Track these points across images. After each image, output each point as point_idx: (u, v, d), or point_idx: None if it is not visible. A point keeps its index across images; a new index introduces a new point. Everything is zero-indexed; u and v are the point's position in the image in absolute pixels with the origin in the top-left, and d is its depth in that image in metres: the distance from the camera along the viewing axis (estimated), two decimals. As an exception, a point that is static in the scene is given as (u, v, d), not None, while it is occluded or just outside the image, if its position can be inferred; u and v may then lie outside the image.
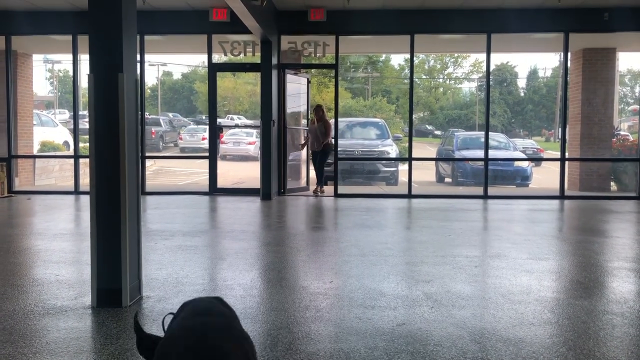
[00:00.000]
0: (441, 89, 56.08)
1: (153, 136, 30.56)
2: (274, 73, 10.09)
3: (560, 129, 10.95)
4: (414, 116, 10.93)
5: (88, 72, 3.74)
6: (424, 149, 34.75)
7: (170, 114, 46.53)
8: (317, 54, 10.52)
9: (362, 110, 27.38)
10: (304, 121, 11.53)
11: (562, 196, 10.40)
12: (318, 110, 10.68)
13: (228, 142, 25.85)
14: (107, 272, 3.76)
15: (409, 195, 10.40)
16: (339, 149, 13.50)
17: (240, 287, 4.15)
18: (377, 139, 15.37)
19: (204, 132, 30.99)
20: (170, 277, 4.41)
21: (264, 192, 9.78)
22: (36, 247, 5.64)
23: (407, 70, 48.51)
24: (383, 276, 4.44)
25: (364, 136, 15.65)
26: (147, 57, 11.23)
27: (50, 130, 17.55)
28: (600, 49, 11.85)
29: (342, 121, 17.12)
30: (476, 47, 11.64)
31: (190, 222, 7.32)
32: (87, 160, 3.94)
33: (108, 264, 3.77)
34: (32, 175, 13.60)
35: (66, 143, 18.24)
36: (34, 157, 12.79)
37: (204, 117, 47.48)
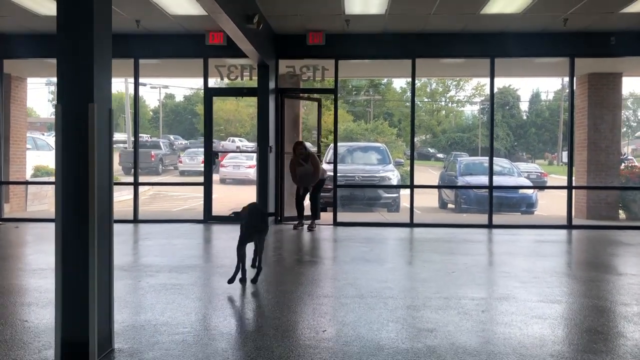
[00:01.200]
0: (443, 112, 56.00)
1: (152, 159, 30.27)
2: (272, 97, 9.80)
3: (567, 155, 10.57)
4: (415, 139, 10.60)
5: (55, 102, 3.41)
6: (426, 172, 34.43)
7: (172, 136, 46.36)
8: (316, 78, 10.24)
9: (364, 133, 27.10)
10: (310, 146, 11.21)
11: (569, 225, 10.00)
12: (299, 147, 9.30)
13: (228, 165, 25.57)
14: (73, 320, 3.35)
15: (411, 224, 10.02)
16: (338, 174, 13.23)
17: (223, 339, 3.77)
18: (378, 164, 15.05)
19: (251, 160, 30.43)
20: (148, 324, 4.03)
21: (259, 221, 9.41)
22: (10, 286, 5.27)
23: (409, 93, 48.54)
24: (382, 323, 4.05)
25: (365, 161, 15.33)
26: (147, 80, 10.99)
27: (46, 154, 17.27)
28: (606, 74, 11.55)
29: (342, 146, 16.86)
30: (479, 71, 11.35)
31: (180, 255, 6.95)
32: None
33: (74, 310, 3.36)
34: (24, 201, 13.27)
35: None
36: (25, 183, 12.40)
37: (216, 143, 47.50)
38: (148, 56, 10.39)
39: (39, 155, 16.50)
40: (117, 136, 49.16)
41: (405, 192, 12.77)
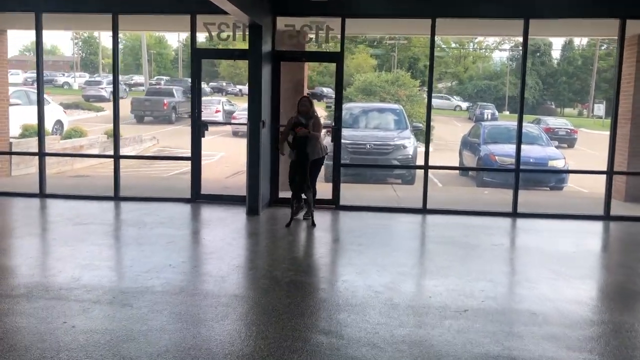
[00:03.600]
0: (471, 58, 53.53)
1: (165, 107, 29.16)
2: (266, 62, 8.48)
3: (610, 133, 9.14)
4: (440, 85, 9.20)
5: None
6: (449, 124, 32.86)
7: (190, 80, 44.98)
8: (320, 38, 8.85)
9: (384, 86, 25.44)
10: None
11: (607, 216, 8.70)
12: (305, 103, 7.94)
13: (240, 117, 24.37)
14: None
15: (424, 210, 8.81)
16: (347, 141, 11.95)
17: None
18: (394, 129, 13.71)
19: (218, 104, 29.51)
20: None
21: (250, 206, 8.29)
22: None
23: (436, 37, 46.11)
24: None
25: (378, 126, 14.01)
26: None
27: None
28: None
29: (354, 107, 15.52)
30: (509, 31, 9.85)
31: (140, 262, 5.86)
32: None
33: None
34: (9, 165, 12.32)
35: (59, 123, 16.93)
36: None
37: (224, 84, 45.96)
38: (128, 11, 9.10)
39: (32, 110, 15.41)
40: (137, 79, 48.15)
41: (421, 149, 11.46)
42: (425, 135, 9.07)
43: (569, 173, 12.61)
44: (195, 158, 9.17)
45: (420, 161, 10.50)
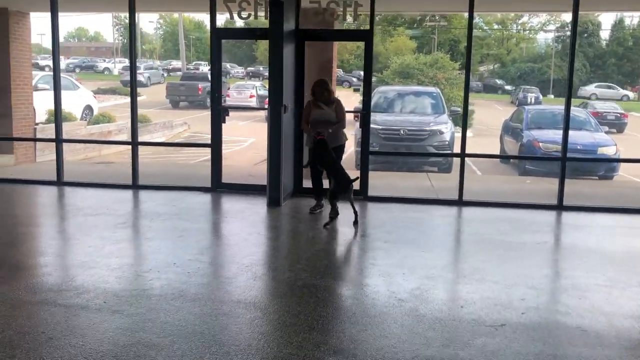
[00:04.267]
0: (514, 40, 51.66)
1: (200, 92, 28.91)
2: (288, 42, 7.87)
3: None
4: (481, 68, 8.43)
5: None
6: (491, 107, 31.63)
7: (228, 64, 44.62)
8: (347, 16, 8.19)
9: (422, 68, 24.49)
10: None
11: (666, 211, 7.84)
12: (323, 87, 7.23)
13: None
14: None
15: (460, 202, 8.11)
16: (379, 127, 11.30)
17: None
18: (430, 113, 12.95)
19: (252, 88, 29.05)
20: None
21: (271, 197, 7.74)
22: None
23: (477, 19, 44.67)
24: None
25: (414, 110, 13.26)
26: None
27: (69, 94, 15.98)
28: None
29: (387, 91, 14.79)
30: (556, 6, 8.96)
31: (143, 260, 5.38)
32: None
33: None
34: (33, 151, 12.08)
35: (88, 108, 16.71)
36: (8, 139, 10.98)
37: (261, 69, 45.48)
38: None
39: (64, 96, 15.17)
40: (175, 64, 48.13)
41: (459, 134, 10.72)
42: (462, 121, 8.30)
43: (623, 162, 11.60)
44: (216, 145, 8.65)
45: (457, 148, 9.75)
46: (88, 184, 8.99)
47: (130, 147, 9.07)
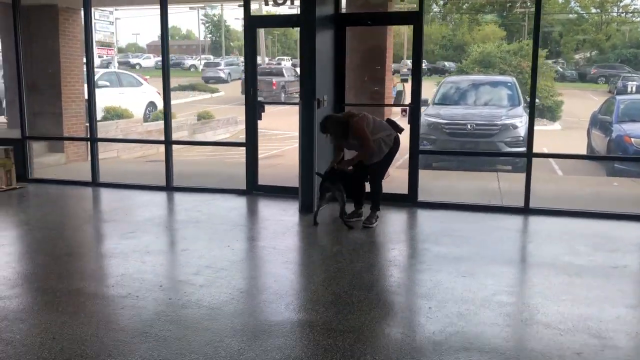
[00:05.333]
0: (615, 24, 47.73)
1: (274, 87, 28.64)
2: (326, 29, 6.96)
3: None
4: (577, 56, 7.18)
5: None
6: (584, 98, 29.00)
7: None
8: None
9: (504, 57, 22.73)
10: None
11: None
12: (336, 126, 6.06)
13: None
14: None
15: (526, 210, 6.89)
16: (443, 121, 10.20)
17: None
18: (503, 105, 11.60)
19: None
20: None
21: (303, 203, 6.89)
22: None
23: (573, 3, 41.63)
24: None
25: (485, 102, 11.95)
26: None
27: (132, 90, 15.90)
28: None
29: (456, 81, 13.54)
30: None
31: (128, 279, 4.69)
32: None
33: None
34: (86, 149, 11.90)
35: (152, 104, 16.55)
36: (47, 138, 10.69)
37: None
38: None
39: (123, 92, 15.11)
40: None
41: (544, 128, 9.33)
42: (529, 114, 7.06)
43: None
44: (251, 144, 7.90)
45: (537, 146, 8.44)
46: (122, 185, 8.54)
47: (175, 146, 8.55)
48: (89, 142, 9.16)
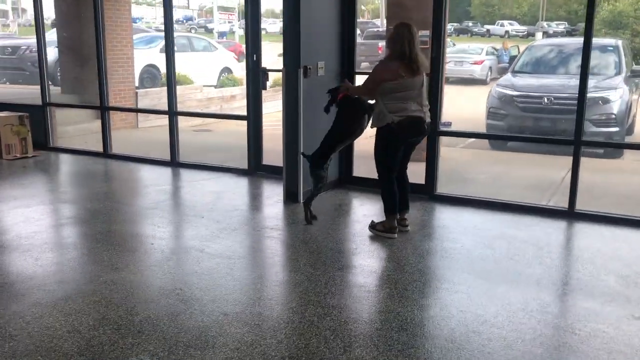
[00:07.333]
0: None
1: (380, 51, 27.20)
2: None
3: None
4: None
5: None
6: None
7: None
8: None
9: (638, 17, 19.54)
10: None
11: None
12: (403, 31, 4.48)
13: (449, 61, 20.76)
14: None
15: (570, 214, 5.27)
16: (515, 92, 8.62)
17: None
18: (597, 75, 9.50)
19: (477, 54, 23.55)
20: None
21: (288, 190, 5.79)
22: None
23: None
24: None
25: (575, 70, 9.86)
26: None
27: (206, 55, 15.42)
28: None
29: (539, 45, 11.51)
30: None
31: (80, 273, 3.94)
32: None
33: None
34: (135, 116, 11.57)
35: (227, 70, 16.02)
36: (60, 105, 10.10)
37: (470, 24, 41.37)
38: None
39: (193, 57, 14.63)
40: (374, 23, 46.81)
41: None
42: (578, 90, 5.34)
43: None
44: (254, 117, 6.86)
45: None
46: (132, 157, 7.94)
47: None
48: (101, 111, 8.55)
